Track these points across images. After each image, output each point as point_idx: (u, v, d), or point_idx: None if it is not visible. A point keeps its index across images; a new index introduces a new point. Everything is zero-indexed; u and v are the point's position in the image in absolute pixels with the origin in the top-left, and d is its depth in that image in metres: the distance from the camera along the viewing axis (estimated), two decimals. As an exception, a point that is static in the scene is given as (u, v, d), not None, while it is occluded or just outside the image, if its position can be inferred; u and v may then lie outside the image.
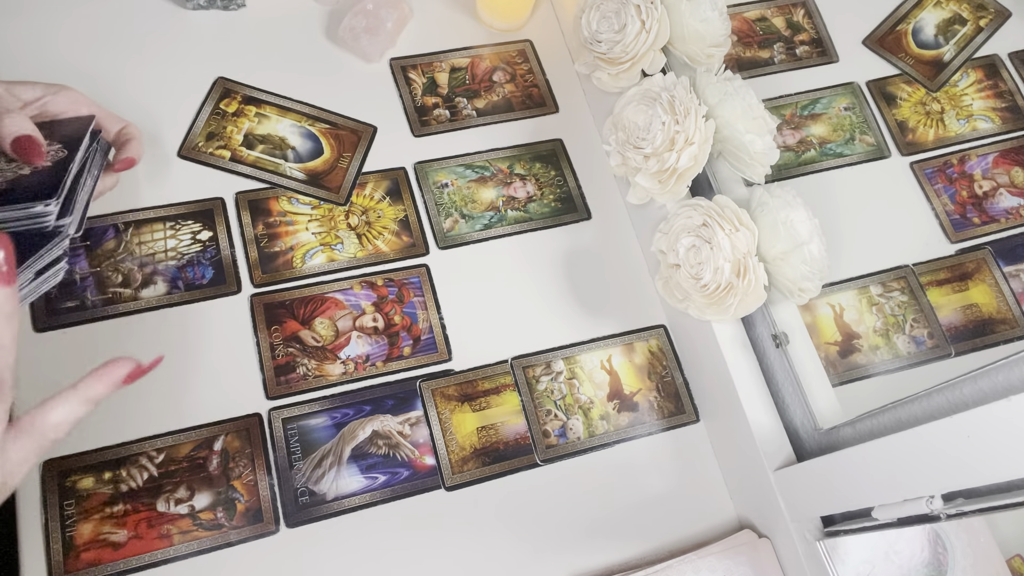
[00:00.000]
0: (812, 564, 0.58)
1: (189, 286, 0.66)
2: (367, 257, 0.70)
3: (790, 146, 0.76)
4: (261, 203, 0.71)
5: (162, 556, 0.57)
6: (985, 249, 0.71)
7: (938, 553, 0.61)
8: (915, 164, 0.76)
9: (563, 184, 0.78)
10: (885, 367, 0.66)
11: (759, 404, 0.63)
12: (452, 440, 0.65)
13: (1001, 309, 0.69)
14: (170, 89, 0.74)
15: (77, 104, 0.59)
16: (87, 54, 0.73)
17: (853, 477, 0.52)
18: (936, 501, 0.46)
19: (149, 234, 0.67)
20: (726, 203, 0.61)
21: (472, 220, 0.74)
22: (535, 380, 0.68)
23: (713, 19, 0.68)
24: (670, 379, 0.71)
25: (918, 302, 0.69)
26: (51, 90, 0.59)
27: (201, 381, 0.63)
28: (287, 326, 0.66)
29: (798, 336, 0.63)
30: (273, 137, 0.74)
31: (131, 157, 0.60)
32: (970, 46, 0.81)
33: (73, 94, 0.59)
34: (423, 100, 0.79)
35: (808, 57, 0.82)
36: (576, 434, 0.67)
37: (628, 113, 0.67)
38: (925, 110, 0.78)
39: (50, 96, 0.58)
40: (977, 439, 0.41)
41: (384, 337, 0.68)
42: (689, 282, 0.62)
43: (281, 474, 0.61)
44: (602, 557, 0.63)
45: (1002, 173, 0.75)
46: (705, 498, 0.67)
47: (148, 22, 0.76)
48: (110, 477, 0.58)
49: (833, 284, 0.69)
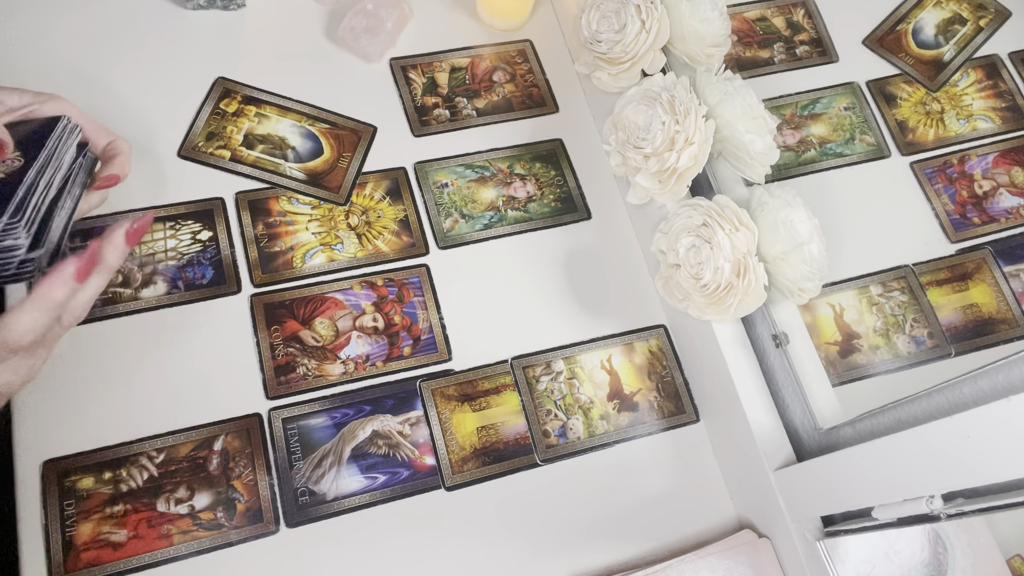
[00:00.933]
0: (812, 564, 0.58)
1: (189, 286, 0.66)
2: (367, 257, 0.70)
3: (790, 146, 0.76)
4: (261, 203, 0.71)
5: (162, 556, 0.57)
6: (985, 249, 0.71)
7: (938, 553, 0.61)
8: (915, 164, 0.76)
9: (563, 184, 0.78)
10: (885, 367, 0.66)
11: (759, 404, 0.63)
12: (452, 440, 0.65)
13: (1001, 309, 0.69)
14: (170, 89, 0.74)
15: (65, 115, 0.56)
16: (87, 54, 0.73)
17: (853, 477, 0.52)
18: (936, 501, 0.46)
19: (149, 234, 0.67)
20: (726, 203, 0.61)
21: (472, 220, 0.74)
22: (535, 380, 0.68)
23: (713, 19, 0.68)
24: (670, 379, 0.71)
25: (918, 302, 0.69)
26: (40, 99, 0.56)
27: (201, 381, 0.63)
28: (287, 326, 0.66)
29: (798, 336, 0.63)
30: (273, 137, 0.74)
31: (115, 174, 0.57)
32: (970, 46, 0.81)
33: (63, 104, 0.57)
34: (423, 100, 0.79)
35: (808, 57, 0.82)
36: (576, 434, 0.67)
37: (628, 113, 0.67)
38: (925, 110, 0.78)
39: (38, 104, 0.55)
40: (977, 439, 0.41)
41: (384, 337, 0.68)
42: (689, 282, 0.62)
43: (281, 474, 0.61)
44: (602, 557, 0.63)
45: (1002, 173, 0.75)
46: (705, 498, 0.67)
47: (148, 22, 0.76)
48: (110, 477, 0.58)
49: (833, 284, 0.69)
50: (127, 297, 0.64)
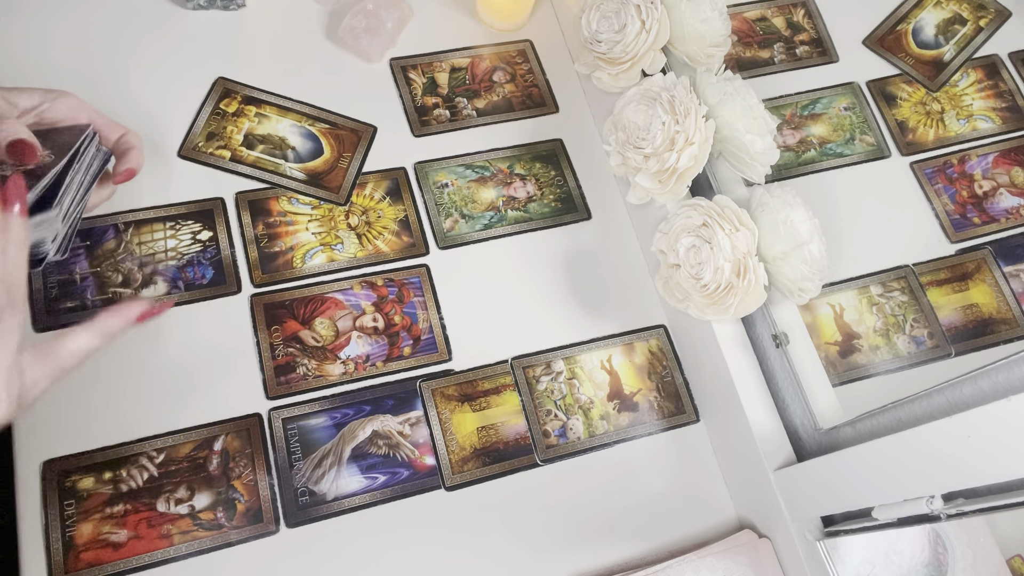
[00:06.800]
0: (812, 564, 0.58)
1: (189, 286, 0.66)
2: (367, 257, 0.70)
3: (790, 146, 0.76)
4: (261, 203, 0.71)
5: (162, 556, 0.57)
6: (985, 249, 0.71)
7: (938, 553, 0.61)
8: (915, 164, 0.76)
9: (563, 184, 0.78)
10: (885, 367, 0.66)
11: (759, 404, 0.63)
12: (452, 440, 0.65)
13: (1001, 309, 0.69)
14: (170, 89, 0.74)
15: (76, 111, 0.58)
16: (87, 54, 0.73)
17: (853, 477, 0.52)
18: (936, 501, 0.46)
19: (149, 234, 0.67)
20: (726, 203, 0.61)
21: (472, 220, 0.74)
22: (535, 380, 0.68)
23: (713, 19, 0.68)
24: (670, 379, 0.71)
25: (918, 302, 0.69)
26: (50, 97, 0.57)
27: (201, 381, 0.63)
28: (287, 326, 0.66)
29: (798, 336, 0.63)
30: (273, 137, 0.74)
31: (132, 168, 0.58)
32: (970, 46, 0.81)
33: (73, 100, 0.58)
34: (423, 100, 0.79)
35: (808, 57, 0.82)
36: (576, 434, 0.67)
37: (628, 113, 0.67)
38: (925, 110, 0.78)
39: (48, 103, 0.56)
40: (977, 439, 0.41)
41: (384, 337, 0.68)
42: (689, 282, 0.62)
43: (281, 474, 0.61)
44: (602, 557, 0.63)
45: (1002, 173, 0.75)
46: (705, 498, 0.67)
47: (148, 22, 0.76)
48: (110, 477, 0.59)
49: (833, 284, 0.69)
50: (127, 297, 0.64)
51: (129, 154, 0.59)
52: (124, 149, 0.59)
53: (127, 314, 0.49)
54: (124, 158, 0.59)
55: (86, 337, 0.48)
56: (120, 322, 0.49)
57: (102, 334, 0.48)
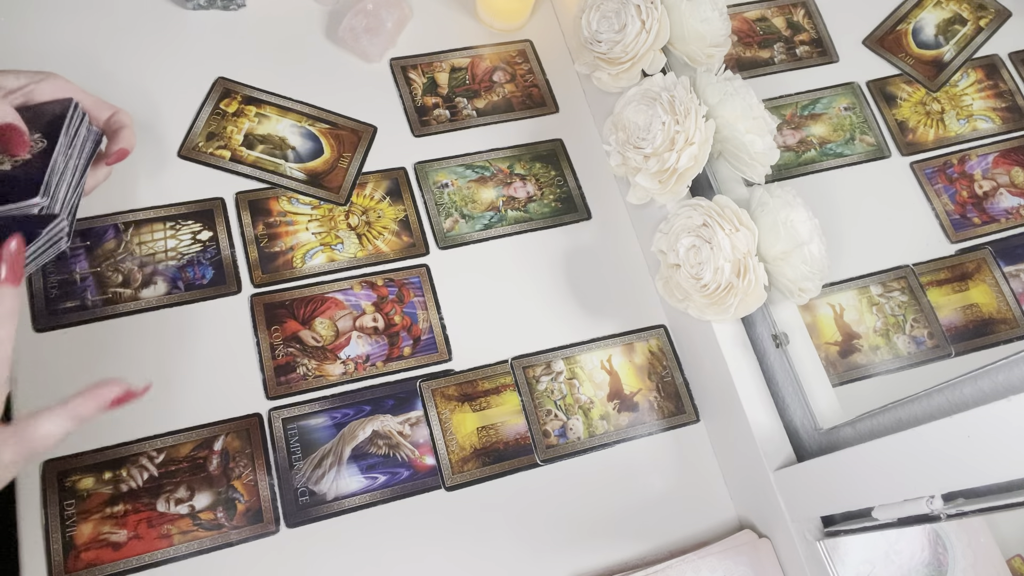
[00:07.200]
0: (812, 564, 0.58)
1: (189, 286, 0.66)
2: (367, 257, 0.70)
3: (790, 146, 0.76)
4: (261, 203, 0.71)
5: (162, 556, 0.57)
6: (985, 249, 0.71)
7: (938, 553, 0.61)
8: (915, 164, 0.76)
9: (563, 184, 0.78)
10: (885, 367, 0.66)
11: (759, 404, 0.63)
12: (452, 440, 0.65)
13: (1001, 309, 0.69)
14: (170, 89, 0.74)
15: (63, 92, 0.57)
16: (87, 54, 0.73)
17: (853, 477, 0.52)
18: (936, 501, 0.46)
19: (149, 234, 0.67)
20: (726, 203, 0.61)
21: (472, 220, 0.74)
22: (535, 380, 0.68)
23: (713, 19, 0.68)
24: (670, 379, 0.71)
25: (918, 302, 0.69)
26: (35, 78, 0.56)
27: (201, 381, 0.63)
28: (287, 326, 0.66)
29: (798, 336, 0.63)
30: (273, 137, 0.74)
31: (124, 148, 0.57)
32: (970, 46, 0.81)
33: (59, 81, 0.57)
34: (423, 100, 0.79)
35: (808, 57, 0.82)
36: (576, 434, 0.67)
37: (628, 113, 0.67)
38: (925, 110, 0.78)
39: (34, 84, 0.56)
40: (977, 439, 0.41)
41: (384, 337, 0.68)
42: (689, 282, 0.62)
43: (281, 474, 0.61)
44: (602, 557, 0.63)
45: (1002, 173, 0.75)
46: (705, 498, 0.67)
47: (148, 22, 0.76)
48: (110, 477, 0.59)
49: (833, 284, 0.69)
50: (127, 297, 0.64)
51: (121, 133, 0.58)
52: (115, 128, 0.58)
53: (101, 398, 0.47)
54: (116, 138, 0.58)
55: (58, 422, 0.45)
56: (93, 406, 0.47)
57: (74, 418, 0.46)
